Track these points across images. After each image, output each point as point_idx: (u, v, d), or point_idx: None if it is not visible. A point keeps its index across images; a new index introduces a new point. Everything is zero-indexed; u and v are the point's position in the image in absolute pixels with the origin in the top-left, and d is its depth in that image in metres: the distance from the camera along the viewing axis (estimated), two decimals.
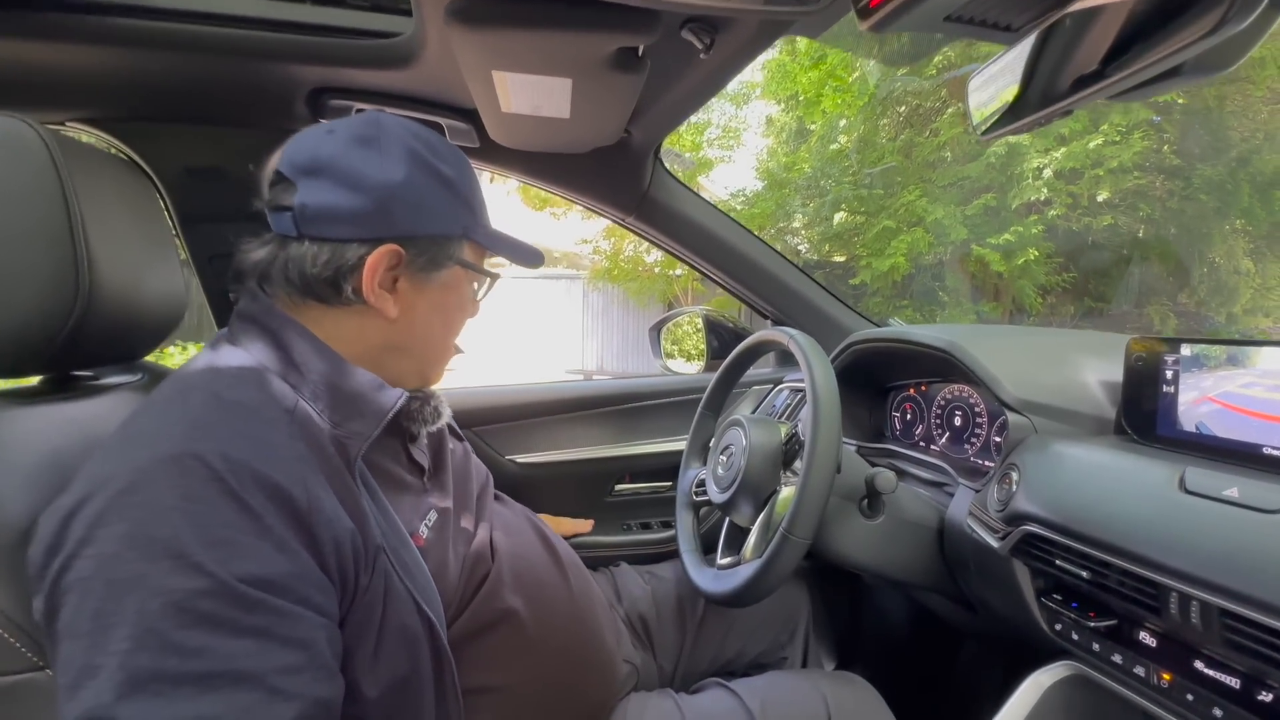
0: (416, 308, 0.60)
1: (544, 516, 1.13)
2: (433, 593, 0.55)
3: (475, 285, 0.66)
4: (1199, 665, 0.52)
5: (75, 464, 0.47)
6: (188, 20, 0.72)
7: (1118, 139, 5.00)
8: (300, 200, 0.53)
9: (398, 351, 0.61)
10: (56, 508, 0.41)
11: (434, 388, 0.67)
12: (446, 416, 0.67)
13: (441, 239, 0.59)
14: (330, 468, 0.50)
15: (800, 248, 7.23)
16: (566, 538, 1.05)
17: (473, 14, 0.61)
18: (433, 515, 0.61)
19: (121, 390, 0.66)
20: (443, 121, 0.93)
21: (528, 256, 0.68)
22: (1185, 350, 0.64)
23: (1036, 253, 5.41)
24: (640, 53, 0.67)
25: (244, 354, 0.54)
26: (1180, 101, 5.13)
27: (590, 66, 0.68)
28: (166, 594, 0.38)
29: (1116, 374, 0.72)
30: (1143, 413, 0.68)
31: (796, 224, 7.34)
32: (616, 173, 1.08)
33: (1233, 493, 0.52)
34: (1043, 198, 5.22)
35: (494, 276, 0.66)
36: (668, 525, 1.24)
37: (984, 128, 0.58)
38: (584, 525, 1.16)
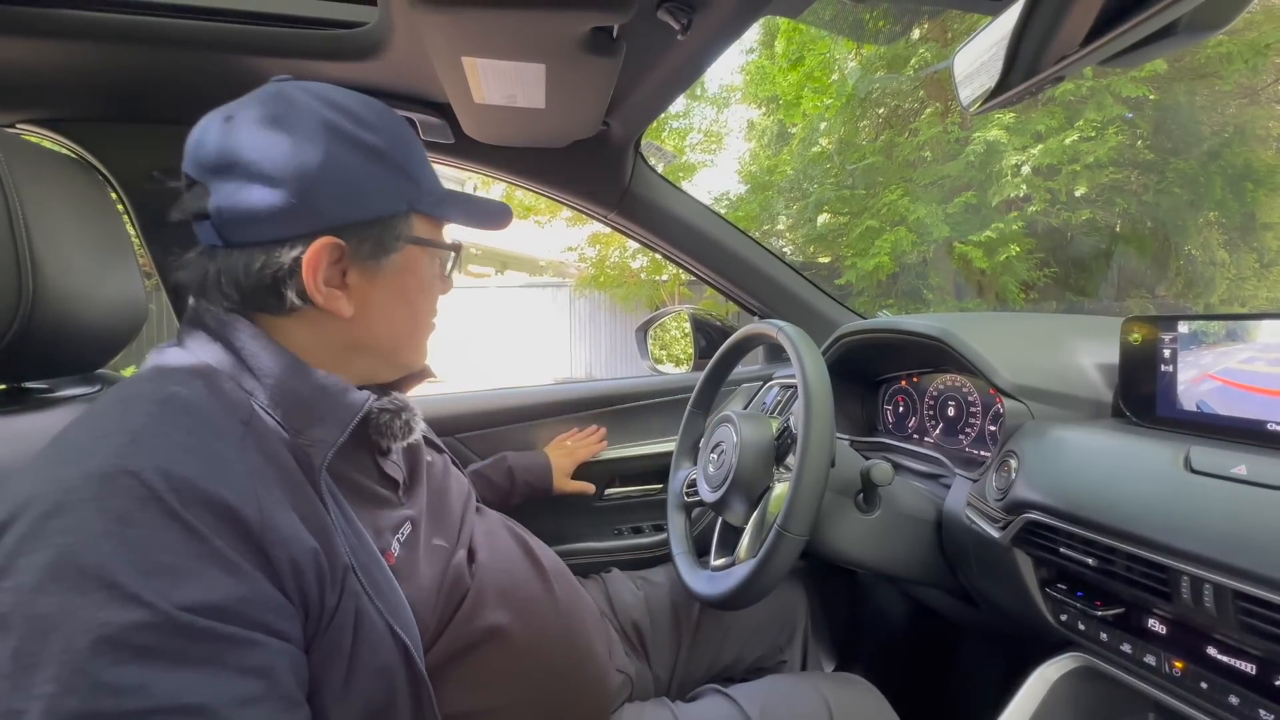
0: (373, 300, 0.54)
1: (555, 448, 1.12)
2: (407, 614, 0.51)
3: (439, 261, 0.61)
4: (1212, 652, 0.50)
5: None
6: (142, 11, 0.69)
7: (1093, 135, 5.07)
8: (214, 204, 0.48)
9: (363, 350, 0.57)
10: None
11: (408, 399, 0.62)
12: (420, 430, 0.62)
13: (384, 219, 0.53)
14: (290, 481, 0.46)
15: (785, 250, 7.27)
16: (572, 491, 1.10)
17: None
18: (406, 529, 0.57)
19: (76, 403, 0.63)
20: (415, 117, 0.90)
21: (491, 217, 0.62)
22: (1183, 328, 0.62)
23: (1018, 248, 5.47)
24: (615, 34, 0.65)
25: (192, 359, 0.49)
26: (1152, 97, 5.23)
27: (564, 50, 0.65)
28: (97, 629, 0.34)
29: (1112, 356, 0.71)
30: (1141, 394, 0.66)
31: (781, 226, 7.39)
32: (597, 167, 1.06)
33: (1241, 470, 0.50)
34: (1022, 194, 5.28)
35: (455, 248, 0.61)
36: (659, 529, 1.21)
37: (974, 104, 0.56)
38: (588, 487, 1.13)
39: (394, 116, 0.56)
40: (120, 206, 0.88)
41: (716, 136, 8.43)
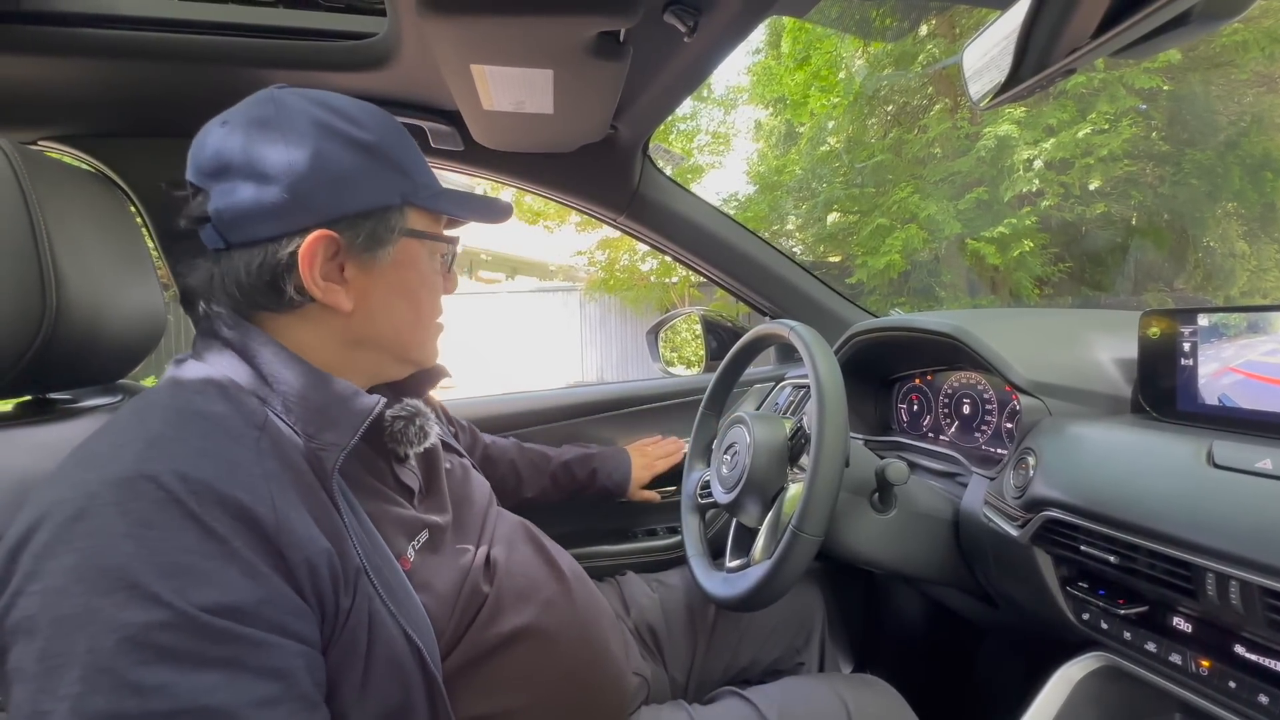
0: (372, 293, 0.55)
1: (636, 453, 1.11)
2: (421, 618, 0.52)
3: (438, 256, 0.61)
4: (1240, 650, 0.49)
5: None
6: (157, 28, 0.71)
7: (1106, 127, 4.99)
8: (214, 207, 0.49)
9: (367, 346, 0.57)
10: (6, 539, 0.38)
11: (421, 405, 0.63)
12: (435, 436, 0.63)
13: (377, 212, 0.53)
14: (304, 485, 0.47)
15: (795, 249, 7.24)
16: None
17: (446, 3, 0.59)
18: (423, 536, 0.58)
19: (98, 413, 0.64)
20: (425, 125, 0.91)
21: (489, 212, 0.62)
22: (1202, 320, 0.61)
23: (1031, 244, 5.40)
24: (622, 38, 0.66)
25: (208, 368, 0.50)
26: (1166, 88, 5.14)
27: (571, 55, 0.66)
28: (120, 629, 0.35)
29: (1130, 351, 0.70)
30: (1161, 388, 0.65)
31: (790, 226, 7.36)
32: (605, 171, 1.06)
33: (1265, 464, 0.49)
34: (1034, 189, 5.21)
35: (451, 241, 0.61)
36: (674, 531, 1.21)
37: (984, 100, 0.56)
38: (654, 497, 1.13)
39: (386, 116, 0.56)
40: (139, 220, 0.90)
41: (724, 138, 8.44)
